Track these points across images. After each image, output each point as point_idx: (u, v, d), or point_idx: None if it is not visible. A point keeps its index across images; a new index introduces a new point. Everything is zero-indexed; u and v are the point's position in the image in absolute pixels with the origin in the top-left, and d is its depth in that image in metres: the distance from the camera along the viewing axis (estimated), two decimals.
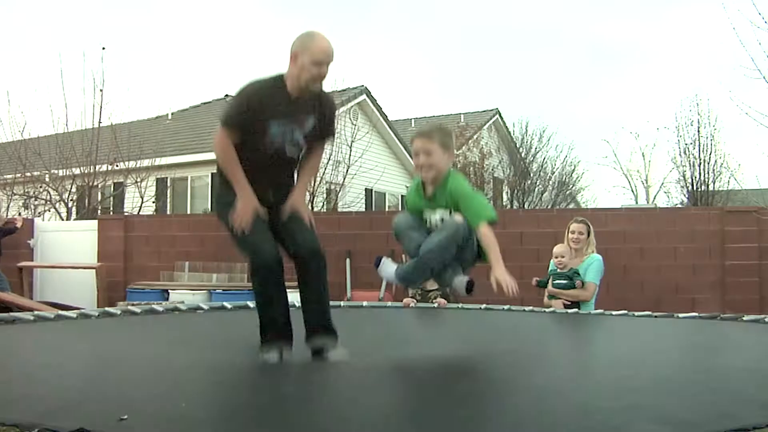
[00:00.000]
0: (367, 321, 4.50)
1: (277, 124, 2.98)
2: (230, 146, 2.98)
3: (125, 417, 1.80)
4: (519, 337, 3.89)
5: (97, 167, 12.98)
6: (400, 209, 17.44)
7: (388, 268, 3.04)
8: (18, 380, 2.53)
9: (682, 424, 1.84)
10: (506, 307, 4.82)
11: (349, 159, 13.61)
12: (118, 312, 4.44)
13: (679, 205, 15.63)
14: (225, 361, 3.00)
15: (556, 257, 5.03)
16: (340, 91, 14.95)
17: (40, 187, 13.34)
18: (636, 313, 4.50)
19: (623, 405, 2.03)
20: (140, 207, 13.12)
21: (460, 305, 4.90)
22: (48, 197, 13.17)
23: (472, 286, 2.88)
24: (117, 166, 13.15)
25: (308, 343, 3.06)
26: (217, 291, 7.90)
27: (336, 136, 3.37)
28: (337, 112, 3.29)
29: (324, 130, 3.18)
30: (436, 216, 2.83)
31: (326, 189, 13.61)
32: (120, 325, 4.09)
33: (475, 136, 16.68)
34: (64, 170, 13.03)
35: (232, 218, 2.96)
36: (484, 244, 2.76)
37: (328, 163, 13.13)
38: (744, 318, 4.18)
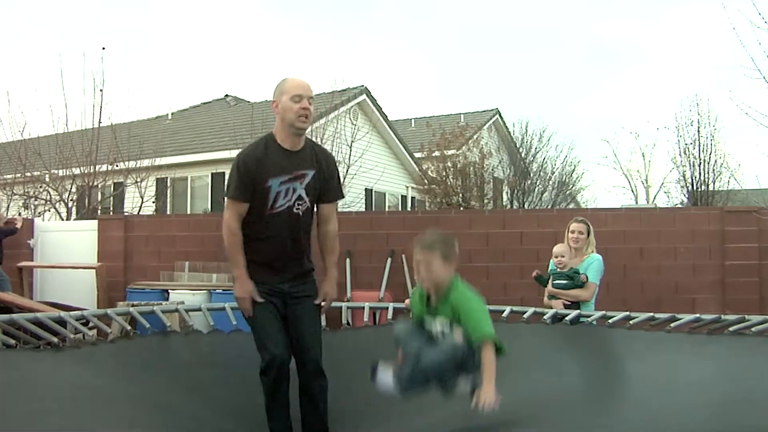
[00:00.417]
0: (363, 343, 4.40)
1: (277, 180, 2.99)
2: (238, 229, 3.00)
3: None
4: (521, 367, 3.73)
5: (97, 167, 12.98)
6: (400, 209, 17.45)
7: (386, 378, 2.78)
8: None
9: None
10: (507, 310, 4.80)
11: (349, 159, 13.61)
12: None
13: (679, 205, 15.62)
14: None
15: (556, 257, 5.03)
16: (340, 91, 14.94)
17: (40, 187, 13.34)
18: (634, 319, 4.47)
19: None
20: (140, 207, 13.12)
21: None
22: (48, 197, 13.16)
23: (473, 392, 2.74)
24: (117, 166, 13.15)
25: None
26: (217, 291, 7.89)
27: (342, 192, 3.34)
28: (337, 167, 3.29)
29: (328, 187, 3.16)
30: (437, 326, 2.70)
31: None
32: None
33: (475, 136, 16.66)
34: (64, 170, 13.02)
35: (237, 301, 3.02)
36: (482, 359, 2.61)
37: None
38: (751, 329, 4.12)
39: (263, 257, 3.06)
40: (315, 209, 3.18)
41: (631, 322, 4.40)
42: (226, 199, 3.03)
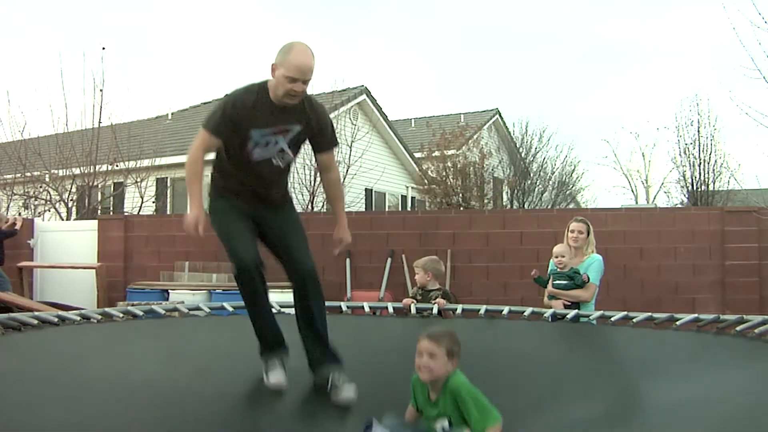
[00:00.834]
0: (365, 330, 4.45)
1: (258, 132, 2.98)
2: (201, 160, 3.00)
3: None
4: (519, 359, 3.75)
5: (97, 167, 12.99)
6: (400, 209, 17.45)
7: None
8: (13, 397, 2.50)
9: None
10: (506, 309, 4.80)
11: (349, 159, 13.60)
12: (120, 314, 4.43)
13: (679, 205, 15.62)
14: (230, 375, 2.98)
15: (556, 257, 5.02)
16: (340, 91, 14.94)
17: (40, 187, 13.34)
18: (635, 318, 4.47)
19: None
20: (140, 207, 13.12)
21: (460, 307, 4.89)
22: (48, 197, 13.16)
23: None
24: (117, 166, 13.15)
25: (314, 375, 3.09)
26: (217, 291, 7.90)
27: (337, 140, 3.32)
28: (329, 118, 3.24)
29: (321, 138, 3.16)
30: (437, 426, 2.62)
31: None
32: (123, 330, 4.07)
33: (475, 136, 16.65)
34: (64, 170, 13.02)
35: (185, 226, 2.96)
36: None
37: None
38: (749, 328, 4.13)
39: (240, 193, 3.10)
40: (301, 158, 3.23)
41: (630, 321, 4.40)
42: (201, 128, 3.01)
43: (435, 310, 4.76)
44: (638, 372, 3.30)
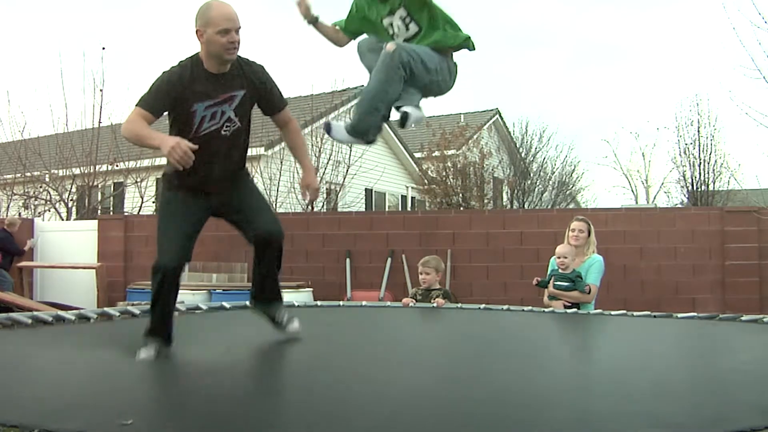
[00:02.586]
0: (366, 321, 4.50)
1: (202, 105, 2.93)
2: (139, 122, 2.91)
3: (130, 422, 1.79)
4: (515, 339, 3.86)
5: (97, 167, 12.99)
6: (400, 209, 17.46)
7: (339, 129, 2.85)
8: (19, 382, 2.52)
9: (678, 428, 1.84)
10: (505, 307, 4.82)
11: (349, 159, 13.60)
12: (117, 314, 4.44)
13: (679, 205, 15.62)
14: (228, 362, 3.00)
15: (559, 257, 5.01)
16: (340, 91, 14.94)
17: (40, 187, 13.35)
18: (635, 314, 4.49)
19: (620, 411, 2.03)
20: (140, 207, 13.12)
21: (459, 305, 4.89)
22: (48, 197, 13.17)
23: (405, 119, 2.73)
24: (117, 166, 13.15)
25: (260, 307, 3.32)
26: (217, 291, 7.90)
27: (285, 99, 3.21)
28: (270, 76, 3.12)
29: (269, 101, 3.11)
30: (395, 21, 2.53)
31: (326, 189, 13.60)
32: (120, 327, 4.09)
33: (475, 136, 16.65)
34: (64, 170, 13.03)
35: (170, 158, 2.82)
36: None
37: (328, 163, 13.13)
38: (742, 318, 4.17)
39: (193, 180, 3.04)
40: (249, 127, 3.13)
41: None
42: (134, 107, 2.93)
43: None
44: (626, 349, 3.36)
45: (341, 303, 5.13)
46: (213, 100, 2.93)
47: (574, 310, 4.79)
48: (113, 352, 3.13)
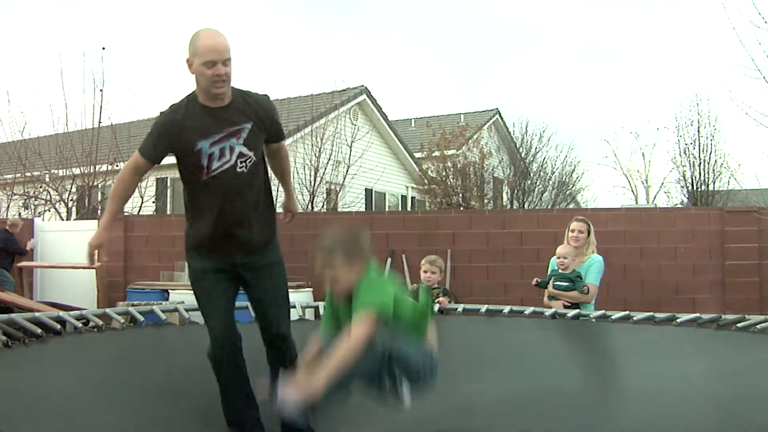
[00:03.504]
0: None
1: (207, 142, 2.71)
2: (129, 178, 2.80)
3: None
4: (517, 351, 3.78)
5: (97, 167, 12.99)
6: (400, 209, 17.46)
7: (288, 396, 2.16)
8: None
9: None
10: (507, 308, 4.81)
11: (349, 159, 13.60)
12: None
13: (679, 205, 15.62)
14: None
15: (559, 257, 5.01)
16: (340, 91, 14.94)
17: (40, 187, 13.35)
18: (636, 316, 4.48)
19: None
20: (140, 207, 13.12)
21: (461, 306, 4.89)
22: (48, 197, 13.17)
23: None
24: (117, 166, 13.15)
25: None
26: None
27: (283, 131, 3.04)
28: (274, 107, 2.93)
29: (274, 131, 2.90)
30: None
31: (326, 189, 13.60)
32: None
33: (475, 136, 16.65)
34: (64, 170, 13.03)
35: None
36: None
37: (328, 163, 13.14)
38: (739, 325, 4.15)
39: (210, 229, 2.77)
40: (265, 161, 2.91)
41: (630, 320, 4.41)
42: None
43: (436, 309, 4.76)
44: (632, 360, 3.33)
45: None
46: (217, 135, 2.71)
47: (576, 311, 4.78)
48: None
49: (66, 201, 12.93)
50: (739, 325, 4.09)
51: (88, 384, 2.84)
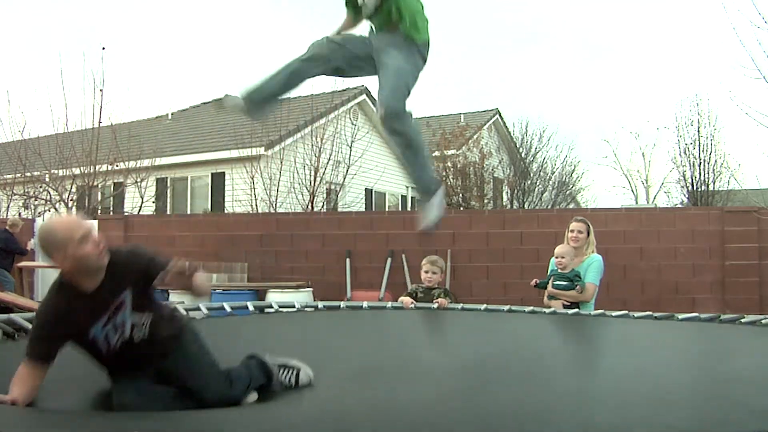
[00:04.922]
0: (366, 323, 4.50)
1: (97, 326, 2.53)
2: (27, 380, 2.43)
3: None
4: (516, 343, 3.85)
5: (97, 167, 13.00)
6: (400, 209, 17.46)
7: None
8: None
9: None
10: (507, 308, 4.82)
11: (349, 159, 13.61)
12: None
13: (679, 205, 15.64)
14: None
15: (557, 257, 5.02)
16: (340, 91, 14.95)
17: (40, 187, 13.37)
18: (636, 315, 4.49)
19: (623, 419, 2.02)
20: (140, 207, 13.14)
21: (460, 306, 4.89)
22: (48, 197, 13.18)
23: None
24: (117, 166, 13.17)
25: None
26: (217, 291, 7.89)
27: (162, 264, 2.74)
28: (145, 254, 2.71)
29: (157, 276, 2.65)
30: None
31: (326, 189, 13.61)
32: None
33: (475, 136, 16.67)
34: (64, 170, 13.04)
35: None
36: None
37: (328, 163, 13.14)
38: (743, 320, 4.17)
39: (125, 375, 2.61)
40: (161, 314, 2.70)
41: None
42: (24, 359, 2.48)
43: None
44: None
45: (342, 303, 5.12)
46: (104, 316, 2.53)
47: (575, 310, 4.79)
48: None
49: (66, 201, 12.94)
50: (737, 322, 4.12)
51: (88, 384, 2.84)
